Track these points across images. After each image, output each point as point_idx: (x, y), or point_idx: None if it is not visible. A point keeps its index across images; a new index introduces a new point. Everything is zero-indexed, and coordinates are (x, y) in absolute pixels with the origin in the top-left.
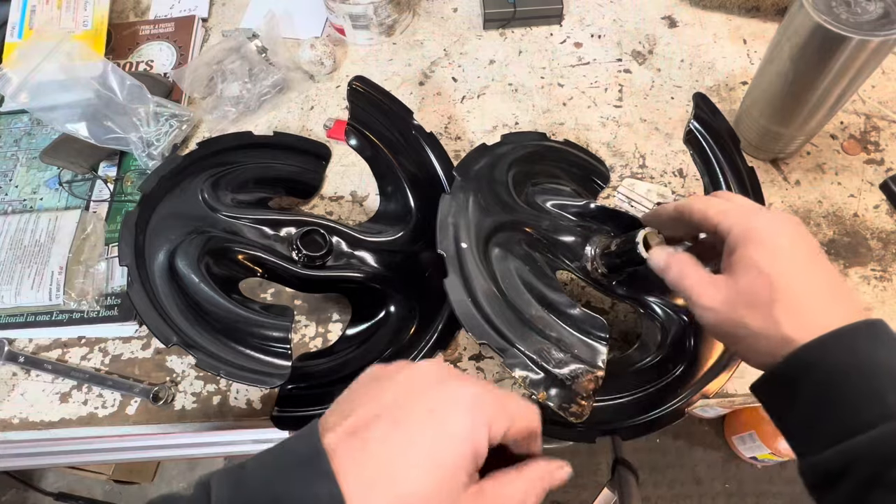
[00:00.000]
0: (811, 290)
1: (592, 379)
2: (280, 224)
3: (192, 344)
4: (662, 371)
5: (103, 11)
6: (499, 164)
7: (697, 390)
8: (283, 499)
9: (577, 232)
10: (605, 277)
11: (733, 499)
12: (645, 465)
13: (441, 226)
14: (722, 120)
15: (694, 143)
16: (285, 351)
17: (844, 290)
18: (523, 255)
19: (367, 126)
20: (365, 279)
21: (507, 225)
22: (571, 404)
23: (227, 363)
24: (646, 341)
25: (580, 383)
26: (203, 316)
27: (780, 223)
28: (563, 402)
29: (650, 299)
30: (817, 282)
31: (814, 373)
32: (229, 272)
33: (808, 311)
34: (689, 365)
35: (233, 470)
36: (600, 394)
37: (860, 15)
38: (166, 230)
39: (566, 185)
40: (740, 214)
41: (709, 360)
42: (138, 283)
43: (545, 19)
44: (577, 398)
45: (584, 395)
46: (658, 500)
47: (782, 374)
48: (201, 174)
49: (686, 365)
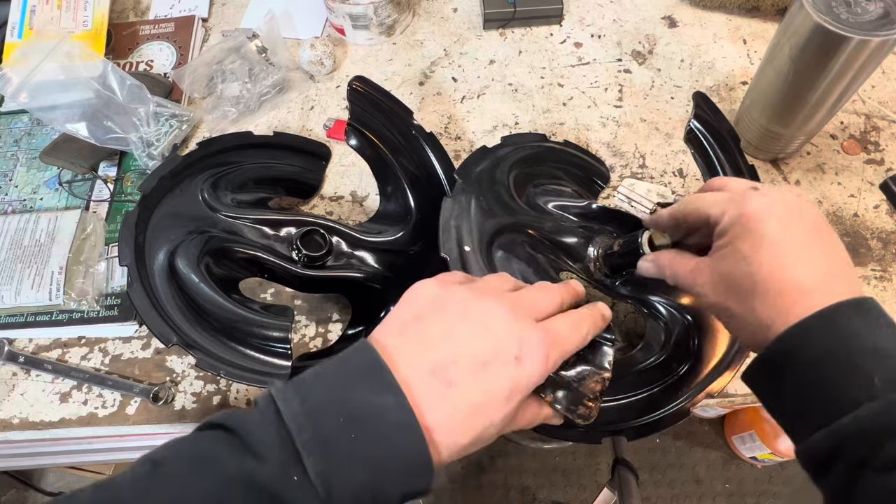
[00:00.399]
0: (798, 274)
1: (599, 380)
2: (280, 224)
3: (192, 344)
4: (666, 371)
5: (103, 11)
6: (499, 166)
7: (702, 389)
8: (352, 405)
9: (579, 233)
10: (608, 278)
11: (733, 499)
12: (645, 465)
13: (444, 229)
14: (722, 119)
15: (694, 142)
16: (285, 351)
17: (842, 268)
18: (526, 256)
19: (367, 126)
20: (365, 279)
21: (509, 227)
22: (579, 406)
23: (227, 363)
24: (650, 341)
25: (587, 385)
26: (203, 316)
27: (772, 205)
28: (570, 405)
29: (654, 299)
30: (808, 264)
31: (798, 357)
32: (229, 272)
33: (790, 296)
34: (693, 364)
35: (293, 384)
36: (605, 394)
37: (860, 15)
38: (166, 230)
39: (567, 185)
40: (731, 200)
41: (713, 358)
42: (138, 283)
43: (545, 19)
44: (584, 400)
45: (592, 396)
46: (658, 500)
47: (767, 360)
48: (201, 174)
49: (690, 364)
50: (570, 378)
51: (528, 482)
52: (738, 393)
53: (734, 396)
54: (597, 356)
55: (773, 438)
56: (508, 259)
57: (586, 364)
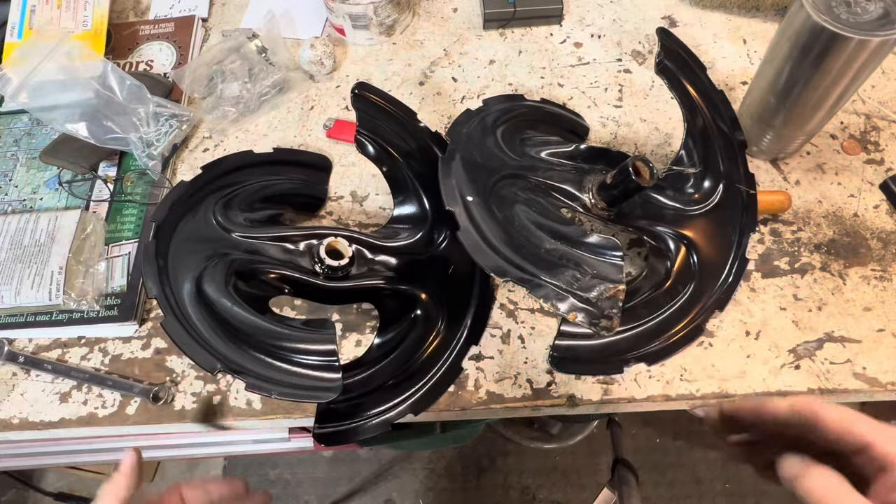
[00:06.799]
0: None
1: (616, 292)
2: (298, 239)
3: (239, 369)
4: (673, 294)
5: (103, 11)
6: (486, 125)
7: (711, 304)
8: None
9: (572, 174)
10: (606, 211)
11: (733, 499)
12: (645, 465)
13: (445, 186)
14: (686, 49)
15: (666, 72)
16: (332, 363)
17: None
18: (526, 199)
19: (375, 132)
20: (388, 285)
21: (506, 176)
22: (601, 319)
23: (276, 383)
24: (653, 268)
25: (605, 300)
26: (242, 338)
27: None
28: (593, 320)
29: (658, 228)
30: None
31: None
32: (257, 291)
33: None
34: (697, 283)
35: None
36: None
37: (860, 15)
38: (187, 257)
39: (552, 136)
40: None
41: (715, 273)
42: (171, 315)
43: (545, 19)
44: (605, 313)
45: (612, 308)
46: (658, 500)
47: None
48: (210, 197)
49: (695, 284)
50: (589, 296)
51: (528, 482)
52: (738, 393)
53: (734, 397)
54: (611, 272)
55: None
56: (511, 204)
57: (602, 281)
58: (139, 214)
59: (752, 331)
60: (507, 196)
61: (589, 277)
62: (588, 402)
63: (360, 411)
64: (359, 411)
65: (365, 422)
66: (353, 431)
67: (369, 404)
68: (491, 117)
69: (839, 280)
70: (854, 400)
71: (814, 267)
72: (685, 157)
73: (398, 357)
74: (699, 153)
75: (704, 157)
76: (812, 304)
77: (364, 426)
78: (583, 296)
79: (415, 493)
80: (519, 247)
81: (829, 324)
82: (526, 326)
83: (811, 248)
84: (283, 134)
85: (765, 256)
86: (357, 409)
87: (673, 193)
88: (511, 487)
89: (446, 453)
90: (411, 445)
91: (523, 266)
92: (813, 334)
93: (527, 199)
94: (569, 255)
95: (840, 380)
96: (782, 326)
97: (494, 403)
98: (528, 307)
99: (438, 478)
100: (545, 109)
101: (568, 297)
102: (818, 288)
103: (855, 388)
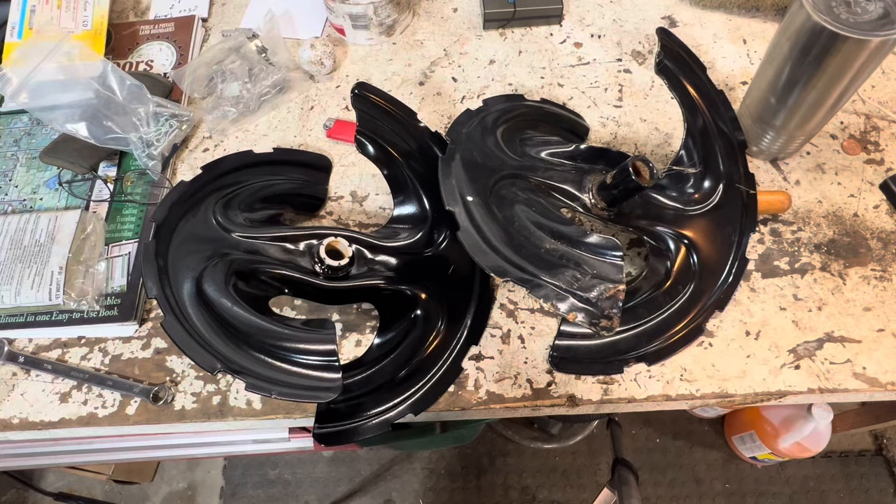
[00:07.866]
0: None
1: (616, 292)
2: (298, 238)
3: (239, 369)
4: (673, 294)
5: (103, 11)
6: (486, 125)
7: (711, 304)
8: None
9: (571, 174)
10: (606, 211)
11: (733, 499)
12: (645, 465)
13: (445, 186)
14: (686, 49)
15: (666, 72)
16: (332, 363)
17: None
18: (526, 199)
19: (376, 132)
20: (388, 285)
21: (506, 175)
22: (601, 319)
23: (276, 383)
24: (653, 269)
25: (605, 300)
26: (242, 338)
27: None
28: (593, 320)
29: (658, 228)
30: None
31: None
32: (257, 292)
33: None
34: (697, 283)
35: None
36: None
37: (860, 15)
38: (187, 257)
39: (552, 136)
40: None
41: (715, 273)
42: (171, 315)
43: (545, 19)
44: (605, 313)
45: (612, 308)
46: (658, 500)
47: None
48: (210, 197)
49: (695, 284)
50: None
51: (528, 482)
52: (738, 393)
53: (734, 396)
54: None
55: (773, 438)
56: (511, 204)
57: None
58: (139, 214)
59: (752, 331)
60: (507, 196)
61: (589, 277)
62: (588, 402)
63: (360, 411)
64: (359, 411)
65: (365, 422)
66: (353, 431)
67: (369, 404)
68: (491, 117)
69: (839, 280)
70: (854, 400)
71: (814, 267)
72: (685, 157)
73: (398, 357)
74: (699, 153)
75: (704, 157)
76: (812, 304)
77: (364, 426)
78: (583, 296)
79: (415, 493)
80: (519, 247)
81: (829, 324)
82: (526, 326)
83: (811, 248)
84: (283, 134)
85: (765, 256)
86: (357, 409)
87: (673, 193)
88: (511, 487)
89: (446, 453)
90: (411, 445)
91: (523, 266)
92: (813, 334)
93: (527, 199)
94: (569, 255)
95: (840, 380)
96: (782, 326)
97: (494, 403)
98: (528, 307)
99: (438, 478)
100: (545, 109)
101: (568, 297)
102: (818, 288)
103: (855, 388)
